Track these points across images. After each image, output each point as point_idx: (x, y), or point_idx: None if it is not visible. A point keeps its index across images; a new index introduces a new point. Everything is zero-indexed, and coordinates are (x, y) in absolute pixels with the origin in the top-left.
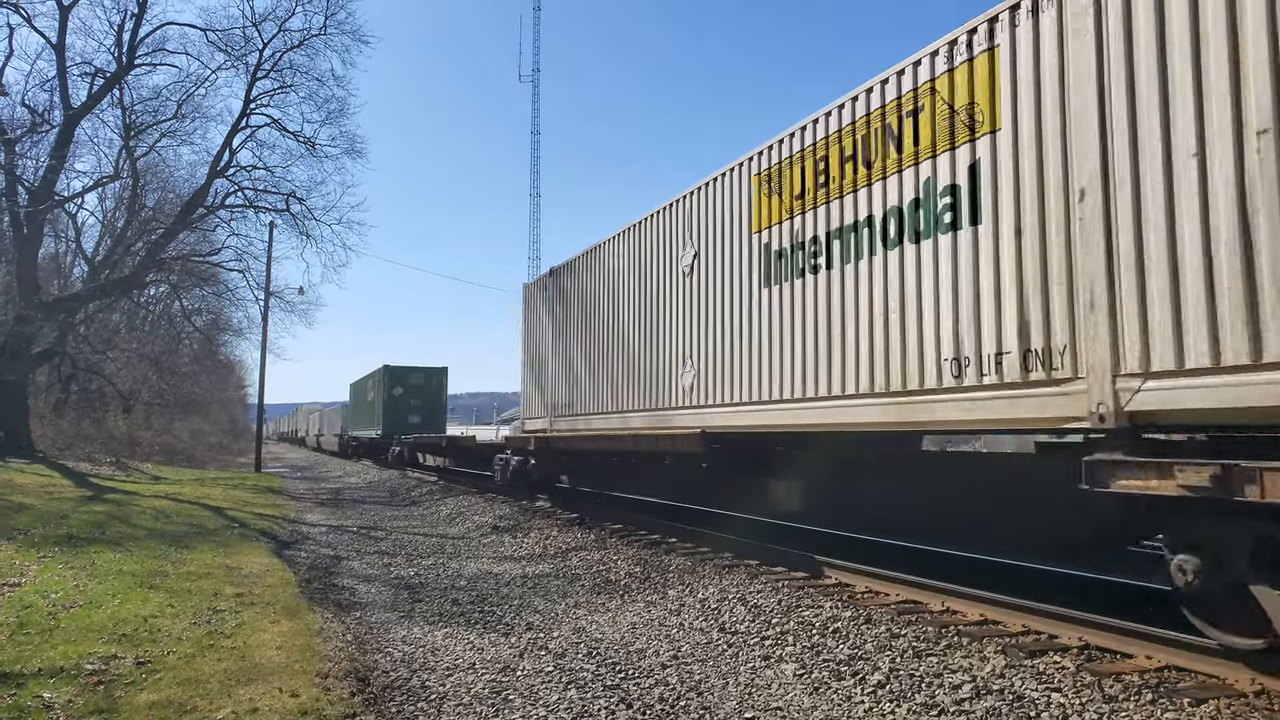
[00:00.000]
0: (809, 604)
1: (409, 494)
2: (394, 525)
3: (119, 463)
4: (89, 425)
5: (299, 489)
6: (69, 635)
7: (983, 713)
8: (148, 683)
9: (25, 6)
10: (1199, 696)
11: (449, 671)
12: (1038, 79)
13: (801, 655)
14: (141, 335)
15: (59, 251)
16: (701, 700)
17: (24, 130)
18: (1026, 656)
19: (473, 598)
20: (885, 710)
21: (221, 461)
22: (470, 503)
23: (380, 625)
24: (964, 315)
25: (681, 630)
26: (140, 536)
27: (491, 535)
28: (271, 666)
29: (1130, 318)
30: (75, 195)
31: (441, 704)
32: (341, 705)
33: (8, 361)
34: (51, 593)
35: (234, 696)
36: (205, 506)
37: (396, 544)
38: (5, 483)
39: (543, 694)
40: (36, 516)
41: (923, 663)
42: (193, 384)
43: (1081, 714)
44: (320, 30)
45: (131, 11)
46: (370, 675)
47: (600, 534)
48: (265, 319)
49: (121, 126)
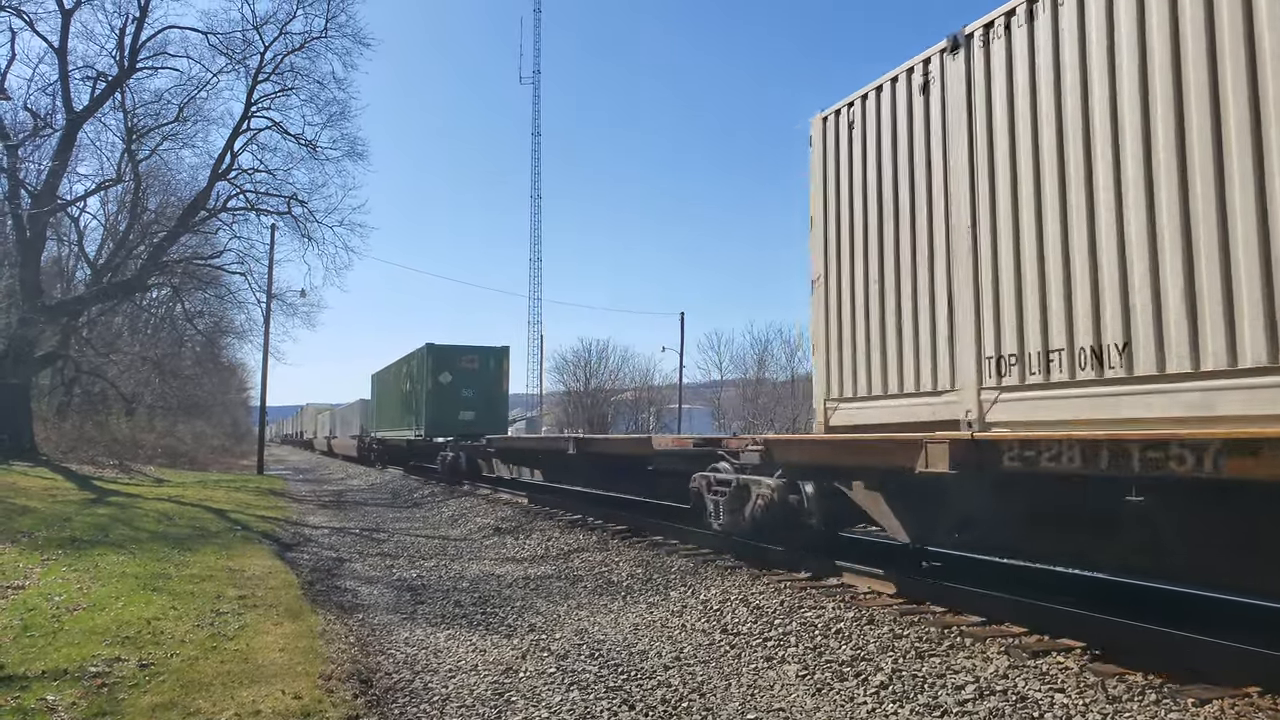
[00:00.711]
0: (811, 605)
1: (411, 496)
2: (396, 527)
3: (122, 465)
4: (92, 428)
5: (301, 491)
6: (72, 638)
7: (986, 713)
8: (151, 685)
9: (27, 10)
10: (1203, 697)
11: (451, 673)
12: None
13: (804, 656)
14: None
15: (62, 255)
16: (704, 701)
17: (26, 134)
18: (1030, 657)
19: (475, 599)
20: (888, 711)
21: (224, 464)
22: (472, 504)
23: (383, 627)
24: None
25: (684, 631)
26: (143, 539)
27: (494, 537)
28: (274, 668)
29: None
30: (78, 199)
31: (444, 705)
32: (344, 707)
33: (11, 365)
34: (55, 595)
35: (237, 698)
36: (208, 509)
37: (399, 546)
38: (9, 486)
39: (545, 695)
40: (40, 519)
41: (925, 663)
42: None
43: (1085, 714)
44: (321, 33)
45: (133, 15)
46: (373, 677)
47: (602, 535)
48: (267, 322)
49: (123, 130)
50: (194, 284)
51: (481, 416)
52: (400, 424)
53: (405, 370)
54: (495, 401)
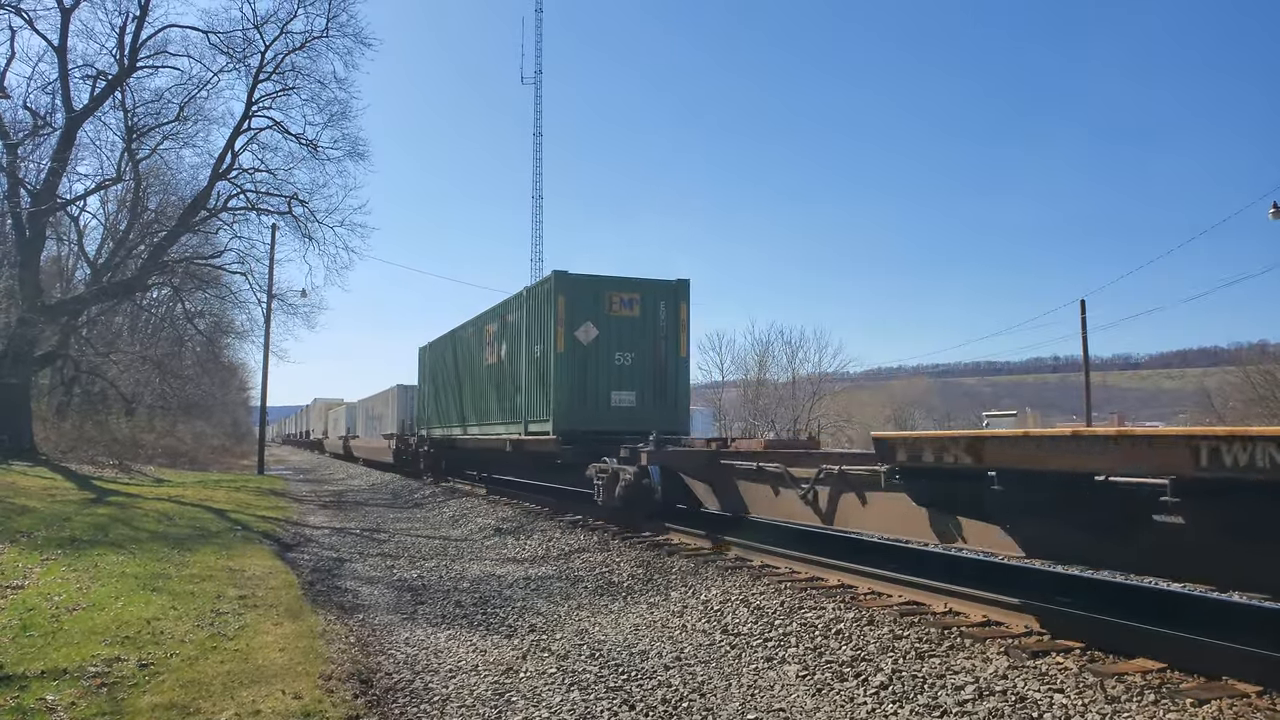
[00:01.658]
0: (811, 605)
1: (411, 496)
2: (397, 527)
3: (122, 465)
4: (92, 428)
5: (302, 491)
6: (72, 637)
7: (985, 714)
8: (150, 685)
9: (27, 8)
10: (1201, 697)
11: (452, 673)
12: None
13: (804, 657)
14: (144, 338)
15: (61, 254)
16: (704, 701)
17: (26, 133)
18: (1029, 657)
19: (476, 600)
20: (888, 711)
21: (224, 464)
22: (473, 505)
23: (383, 627)
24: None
25: (684, 632)
26: (143, 539)
27: (494, 537)
28: (274, 668)
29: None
30: (77, 198)
31: (444, 706)
32: (345, 707)
33: (11, 364)
34: (55, 595)
35: (237, 698)
36: (208, 509)
37: (399, 546)
38: (8, 486)
39: (546, 696)
40: (39, 519)
41: (925, 664)
42: (195, 387)
43: (1084, 715)
44: (322, 32)
45: (133, 14)
46: (373, 677)
47: (603, 536)
48: (268, 321)
49: (123, 129)
50: (194, 284)
51: (648, 403)
52: (486, 415)
53: (500, 329)
54: (669, 378)
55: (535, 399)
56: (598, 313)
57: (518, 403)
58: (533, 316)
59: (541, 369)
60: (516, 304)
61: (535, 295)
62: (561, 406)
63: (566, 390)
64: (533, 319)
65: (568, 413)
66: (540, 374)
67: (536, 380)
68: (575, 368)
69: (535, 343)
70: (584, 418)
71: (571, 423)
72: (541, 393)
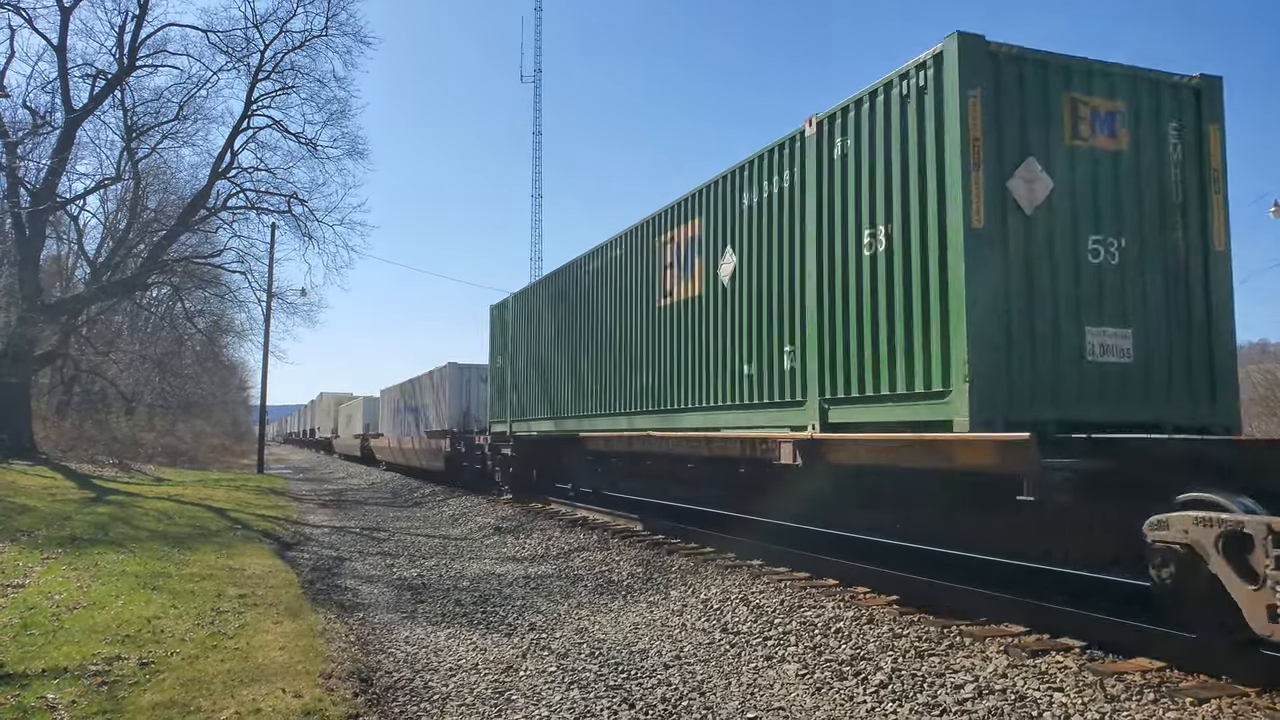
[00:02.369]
0: (811, 604)
1: (411, 495)
2: (397, 526)
3: (121, 464)
4: (91, 427)
5: (301, 490)
6: (72, 636)
7: (985, 712)
8: (151, 683)
9: (26, 8)
10: (1201, 696)
11: (452, 672)
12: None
13: (804, 655)
14: (144, 337)
15: (61, 253)
16: (704, 700)
17: (26, 132)
18: (1029, 656)
19: (475, 598)
20: (888, 710)
21: (224, 463)
22: (473, 504)
23: (383, 626)
24: None
25: (684, 630)
26: (143, 538)
27: (494, 536)
28: (274, 667)
29: None
30: (77, 197)
31: (444, 704)
32: (345, 705)
33: (10, 364)
34: (55, 594)
35: (237, 697)
36: (208, 508)
37: (399, 545)
38: (8, 485)
39: (545, 694)
40: (40, 518)
41: (925, 663)
42: (195, 386)
43: (1084, 713)
44: (321, 31)
45: (132, 13)
46: (373, 676)
47: (603, 535)
48: (267, 321)
49: (123, 128)
50: (194, 283)
51: (1157, 352)
52: (663, 398)
53: (717, 224)
54: (1194, 294)
55: (887, 350)
56: (1048, 139)
57: (785, 366)
58: (861, 158)
59: (914, 274)
60: (792, 149)
61: (879, 103)
62: (987, 364)
63: (997, 324)
64: (861, 165)
65: (1005, 377)
66: (918, 284)
67: (898, 306)
68: (1009, 270)
69: (877, 221)
70: (1036, 390)
71: (1015, 401)
72: (924, 333)
